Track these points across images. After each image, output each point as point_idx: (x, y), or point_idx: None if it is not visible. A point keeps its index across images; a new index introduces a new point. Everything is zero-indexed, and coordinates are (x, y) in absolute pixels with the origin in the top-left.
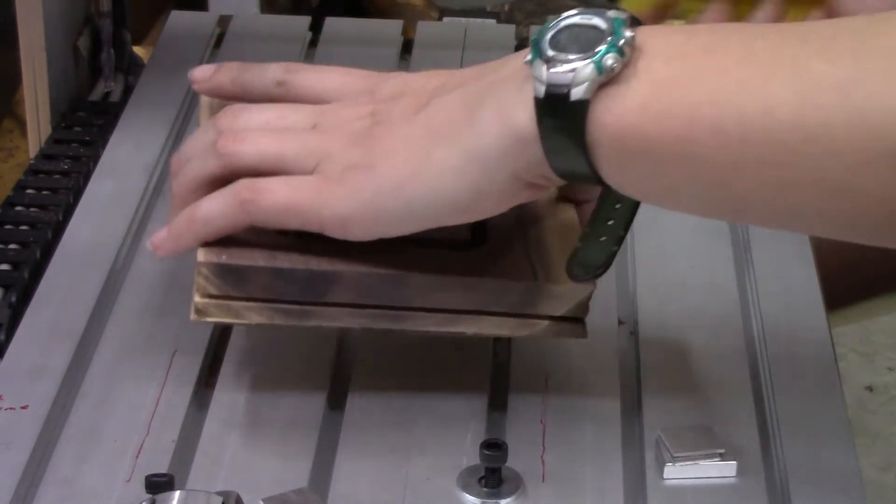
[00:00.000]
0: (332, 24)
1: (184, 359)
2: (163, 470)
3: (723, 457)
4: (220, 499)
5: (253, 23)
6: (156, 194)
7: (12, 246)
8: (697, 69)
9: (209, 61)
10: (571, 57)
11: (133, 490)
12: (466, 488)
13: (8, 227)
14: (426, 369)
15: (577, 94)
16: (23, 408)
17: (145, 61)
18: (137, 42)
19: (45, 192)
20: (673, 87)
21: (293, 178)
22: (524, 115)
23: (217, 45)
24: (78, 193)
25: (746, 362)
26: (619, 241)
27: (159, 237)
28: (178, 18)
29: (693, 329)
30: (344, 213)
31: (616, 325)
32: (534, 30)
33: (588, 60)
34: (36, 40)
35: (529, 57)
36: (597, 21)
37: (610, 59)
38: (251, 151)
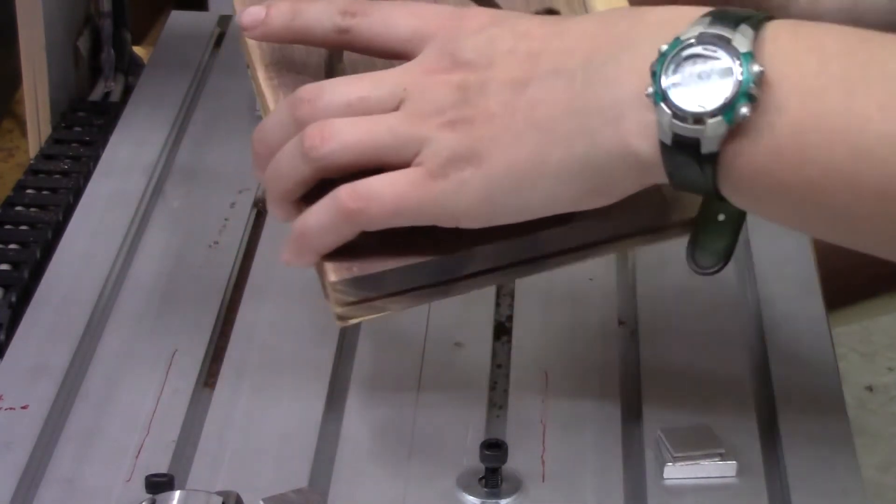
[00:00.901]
0: None
1: (184, 359)
2: (163, 470)
3: (723, 457)
4: (220, 499)
5: None
6: (156, 194)
7: (12, 246)
8: (836, 114)
9: (209, 61)
10: (699, 110)
11: (133, 490)
12: (466, 488)
13: (8, 227)
14: (426, 369)
15: (707, 147)
16: (23, 408)
17: (145, 61)
18: (137, 42)
19: (45, 192)
20: (809, 133)
21: (396, 178)
22: (648, 148)
23: (217, 44)
24: (78, 193)
25: (747, 362)
26: (740, 222)
27: (284, 257)
28: (178, 18)
29: (693, 329)
30: (457, 210)
31: (616, 325)
32: None
33: (719, 117)
34: (36, 40)
35: (651, 91)
36: (721, 55)
37: (743, 110)
38: (341, 151)
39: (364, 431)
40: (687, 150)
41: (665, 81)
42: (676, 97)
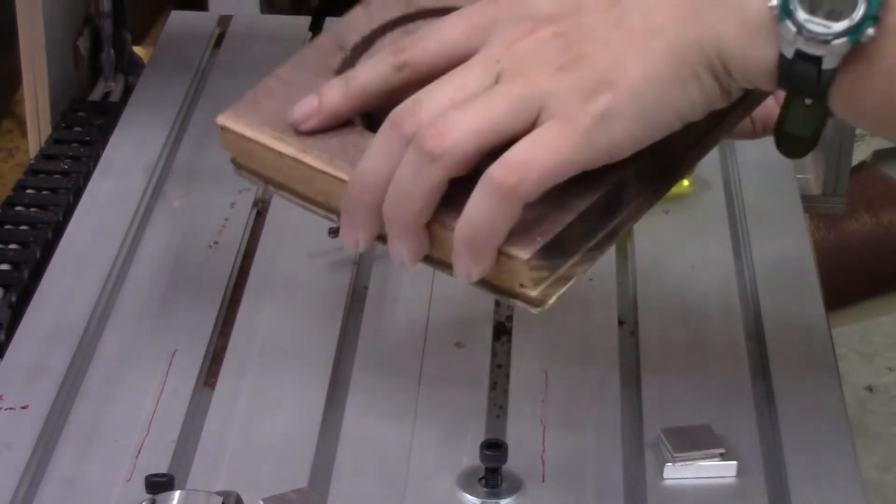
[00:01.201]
0: (333, 24)
1: (184, 358)
2: (163, 470)
3: (723, 457)
4: (220, 499)
5: (253, 23)
6: (156, 194)
7: (12, 246)
8: None
9: (209, 61)
10: (826, 32)
11: (133, 490)
12: (466, 488)
13: (8, 227)
14: (426, 369)
15: (828, 64)
16: (23, 408)
17: (145, 61)
18: (137, 42)
19: (45, 192)
20: None
21: (540, 137)
22: (768, 54)
23: (217, 45)
24: (78, 193)
25: (746, 362)
26: (825, 112)
27: (462, 276)
28: (178, 18)
29: (693, 329)
30: (612, 142)
31: (616, 325)
32: None
33: (845, 38)
34: (36, 40)
35: (776, 3)
36: None
37: (869, 31)
38: (466, 138)
39: (364, 431)
40: (807, 63)
41: (795, 6)
42: (801, 18)
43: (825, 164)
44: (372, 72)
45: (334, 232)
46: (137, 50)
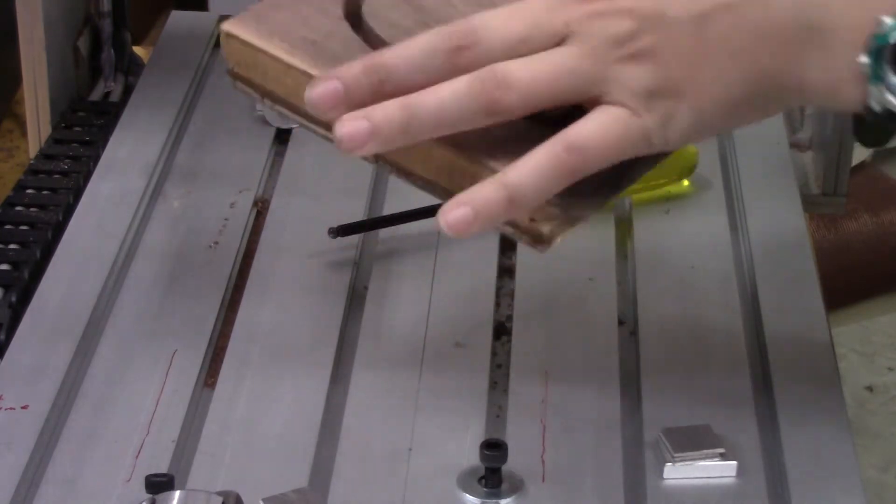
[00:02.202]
0: None
1: (184, 359)
2: (163, 470)
3: (723, 457)
4: (220, 499)
5: None
6: (156, 194)
7: (12, 246)
8: None
9: (209, 61)
10: None
11: (133, 490)
12: (466, 488)
13: (8, 227)
14: (426, 369)
15: None
16: (23, 408)
17: (145, 61)
18: (137, 42)
19: (45, 192)
20: None
21: (603, 123)
22: (853, 99)
23: (217, 44)
24: (78, 193)
25: (746, 362)
26: None
27: (476, 221)
28: (178, 18)
29: (693, 329)
30: (666, 142)
31: (616, 325)
32: None
33: None
34: (36, 40)
35: (865, 65)
36: None
37: None
38: (524, 102)
39: (364, 431)
40: (891, 114)
41: (881, 68)
42: (894, 80)
43: (825, 164)
44: (427, 66)
45: (334, 232)
46: (137, 50)
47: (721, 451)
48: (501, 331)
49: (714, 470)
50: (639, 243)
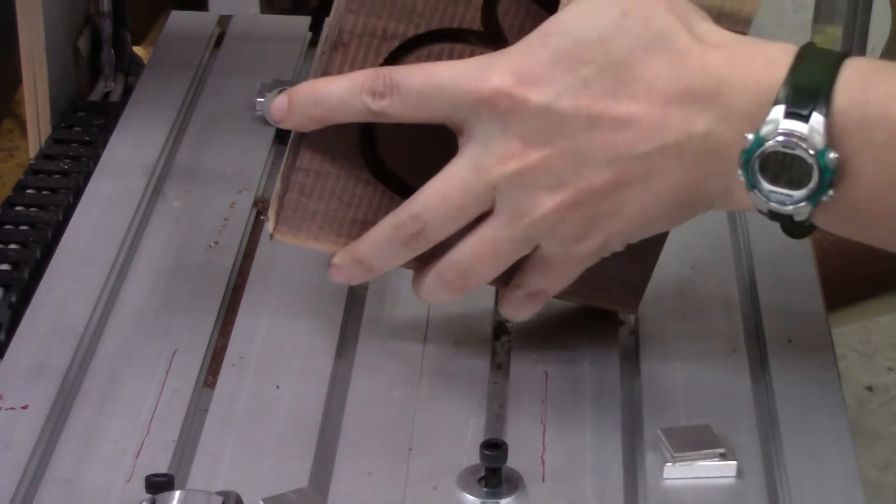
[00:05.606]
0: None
1: (184, 359)
2: (163, 470)
3: (723, 457)
4: (220, 499)
5: (253, 23)
6: (156, 194)
7: (12, 246)
8: None
9: (209, 61)
10: (788, 201)
11: (133, 490)
12: (466, 488)
13: (8, 227)
14: (426, 369)
15: (799, 218)
16: (23, 408)
17: (145, 61)
18: (137, 42)
19: (45, 192)
20: (886, 193)
21: (548, 273)
22: (748, 204)
23: (217, 45)
24: (78, 193)
25: (746, 362)
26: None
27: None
28: (178, 18)
29: (693, 329)
30: (596, 260)
31: (616, 325)
32: None
33: (805, 203)
34: (36, 40)
35: (741, 176)
36: (800, 153)
37: (827, 195)
38: (478, 284)
39: (364, 431)
40: (781, 216)
41: (755, 176)
42: (766, 189)
43: None
44: (341, 101)
45: None
46: (137, 50)
47: (721, 451)
48: (501, 331)
49: (714, 470)
50: None
